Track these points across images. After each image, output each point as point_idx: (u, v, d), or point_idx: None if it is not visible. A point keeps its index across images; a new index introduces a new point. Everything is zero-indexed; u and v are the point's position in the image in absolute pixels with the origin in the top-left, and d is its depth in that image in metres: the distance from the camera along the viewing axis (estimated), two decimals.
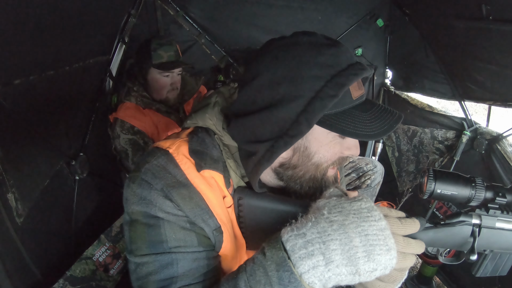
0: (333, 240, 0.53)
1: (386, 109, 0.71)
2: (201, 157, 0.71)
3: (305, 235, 0.54)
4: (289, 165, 0.72)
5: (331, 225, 0.54)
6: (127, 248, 0.69)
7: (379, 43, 2.54)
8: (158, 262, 0.65)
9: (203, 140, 0.74)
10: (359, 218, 0.55)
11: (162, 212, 0.66)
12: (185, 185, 0.68)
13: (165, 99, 1.81)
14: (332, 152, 0.71)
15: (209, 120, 0.75)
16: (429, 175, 0.67)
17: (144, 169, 0.68)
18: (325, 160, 0.71)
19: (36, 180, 1.21)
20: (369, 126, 0.66)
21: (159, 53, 1.70)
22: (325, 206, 0.58)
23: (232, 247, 0.73)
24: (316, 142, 0.69)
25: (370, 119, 0.67)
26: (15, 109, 1.05)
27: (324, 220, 0.55)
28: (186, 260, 0.66)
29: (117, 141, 1.69)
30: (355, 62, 0.68)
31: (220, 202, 0.71)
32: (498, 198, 0.67)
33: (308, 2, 2.31)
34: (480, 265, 0.73)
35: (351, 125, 0.65)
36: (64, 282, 1.29)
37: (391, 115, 0.69)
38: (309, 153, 0.70)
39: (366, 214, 0.56)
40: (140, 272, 0.66)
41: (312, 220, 0.56)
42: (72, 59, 1.33)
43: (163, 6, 2.27)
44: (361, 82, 0.70)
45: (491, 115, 1.96)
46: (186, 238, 0.67)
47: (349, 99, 0.66)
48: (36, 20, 0.98)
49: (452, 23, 1.62)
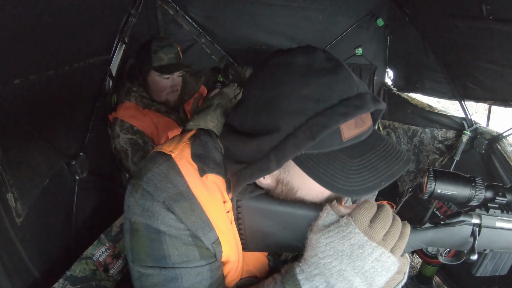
0: None
1: (387, 155, 0.60)
2: (204, 161, 0.69)
3: (315, 284, 0.58)
4: (274, 193, 0.69)
5: (331, 274, 0.56)
6: (128, 255, 0.69)
7: (379, 43, 2.54)
8: (162, 276, 0.65)
9: (205, 143, 0.72)
10: (352, 258, 0.55)
11: (164, 225, 0.65)
12: (186, 197, 0.66)
13: (165, 101, 1.81)
14: (318, 191, 0.64)
15: (210, 123, 0.74)
16: (429, 175, 0.67)
17: (146, 178, 0.67)
18: (310, 198, 0.65)
19: (36, 180, 1.21)
20: (350, 178, 0.57)
21: (159, 55, 1.68)
22: (319, 249, 0.58)
23: (233, 252, 0.73)
24: (298, 179, 0.63)
25: (356, 169, 0.57)
26: (15, 109, 1.05)
27: (323, 267, 0.57)
28: (190, 275, 0.67)
29: (116, 141, 1.68)
30: (354, 96, 0.57)
31: (220, 210, 0.70)
32: (498, 198, 0.67)
33: (308, 2, 2.31)
34: (480, 265, 0.73)
35: (329, 173, 0.57)
36: (64, 282, 1.29)
37: (388, 164, 0.59)
38: (291, 187, 0.65)
39: (358, 251, 0.55)
40: (145, 281, 0.66)
41: (315, 268, 0.58)
42: (72, 59, 1.33)
43: (163, 6, 2.27)
44: (365, 118, 0.60)
45: (491, 114, 1.97)
46: (188, 253, 0.67)
47: (338, 140, 0.57)
48: (36, 20, 0.98)
49: (452, 23, 1.62)
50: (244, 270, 0.79)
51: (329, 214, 0.60)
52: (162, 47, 1.69)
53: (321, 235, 0.58)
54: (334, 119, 0.54)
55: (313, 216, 0.67)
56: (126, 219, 0.69)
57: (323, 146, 0.57)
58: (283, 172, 0.64)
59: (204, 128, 0.75)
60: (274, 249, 0.77)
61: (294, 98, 0.56)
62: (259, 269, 0.82)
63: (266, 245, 0.74)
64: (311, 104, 0.56)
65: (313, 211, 0.68)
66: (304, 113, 0.55)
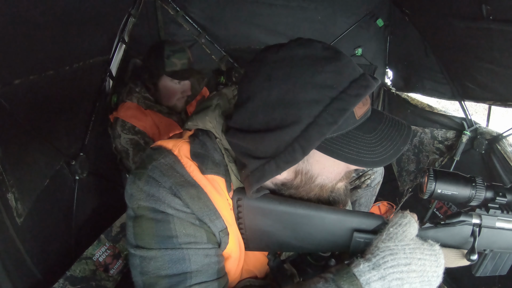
0: None
1: (393, 125, 0.65)
2: (203, 160, 0.69)
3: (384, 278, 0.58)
4: (291, 185, 0.69)
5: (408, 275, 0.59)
6: (130, 243, 0.67)
7: (379, 43, 2.54)
8: (167, 256, 0.64)
9: (204, 144, 0.72)
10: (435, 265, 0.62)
11: (171, 209, 0.64)
12: (193, 185, 0.66)
13: (173, 106, 1.80)
14: (337, 172, 0.67)
15: (209, 123, 0.73)
16: (430, 175, 0.67)
17: (151, 167, 0.67)
18: (330, 181, 0.68)
19: (36, 180, 1.21)
20: (374, 150, 0.61)
21: (172, 60, 1.66)
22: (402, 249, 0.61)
23: (236, 249, 0.73)
24: (318, 165, 0.65)
25: (375, 141, 0.62)
26: (15, 109, 1.05)
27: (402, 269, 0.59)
28: (198, 255, 0.65)
29: (117, 141, 1.68)
30: (358, 76, 0.61)
31: (225, 204, 0.70)
32: (498, 198, 0.67)
33: (308, 2, 2.31)
34: (480, 265, 0.73)
35: (354, 150, 0.60)
36: (64, 282, 1.29)
37: (398, 132, 0.64)
38: (311, 175, 0.66)
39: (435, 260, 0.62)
40: (145, 266, 0.64)
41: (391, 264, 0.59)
42: (72, 59, 1.33)
43: (163, 6, 2.27)
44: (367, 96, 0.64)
45: (491, 115, 1.97)
46: (196, 234, 0.66)
47: (353, 120, 0.61)
48: (36, 20, 0.98)
49: (452, 23, 1.62)
50: (244, 269, 0.79)
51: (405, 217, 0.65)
52: (175, 52, 1.68)
53: (410, 242, 0.62)
54: (351, 101, 0.58)
55: (312, 216, 0.68)
56: (129, 207, 0.68)
57: (341, 128, 0.60)
58: (302, 162, 0.65)
59: (202, 128, 0.75)
60: (274, 249, 0.77)
61: (309, 88, 0.58)
62: (259, 269, 0.83)
63: (266, 245, 0.74)
64: (326, 91, 0.58)
65: (313, 211, 0.68)
66: (322, 100, 0.58)
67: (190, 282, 0.63)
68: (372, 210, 2.38)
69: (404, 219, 0.63)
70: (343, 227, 0.68)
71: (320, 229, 0.69)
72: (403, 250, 0.60)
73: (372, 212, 0.76)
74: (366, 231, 0.68)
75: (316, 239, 0.70)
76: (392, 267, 0.58)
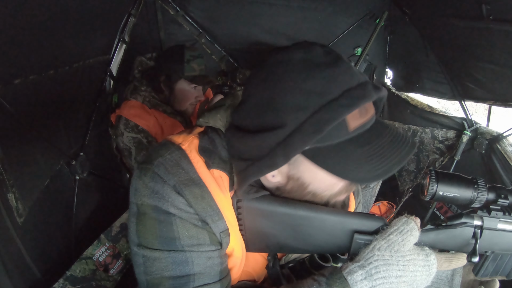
0: None
1: (394, 141, 0.62)
2: (210, 155, 0.70)
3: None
4: (284, 190, 0.69)
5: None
6: (132, 241, 0.67)
7: (379, 43, 2.54)
8: (171, 258, 0.64)
9: (213, 140, 0.72)
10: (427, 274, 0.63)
11: (174, 208, 0.64)
12: (197, 184, 0.66)
13: (184, 110, 1.82)
14: (329, 183, 0.65)
15: (219, 121, 0.74)
16: (431, 177, 0.66)
17: (157, 162, 0.67)
18: (322, 191, 0.66)
19: (36, 180, 1.21)
20: (362, 166, 0.58)
21: (192, 65, 1.70)
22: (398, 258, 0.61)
23: (238, 247, 0.73)
24: (309, 173, 0.63)
25: (366, 157, 0.59)
26: (15, 109, 1.04)
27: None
28: (201, 258, 0.65)
29: (120, 139, 1.68)
30: (355, 85, 0.58)
31: (228, 203, 0.70)
32: (500, 200, 0.67)
33: (308, 2, 2.30)
34: (481, 266, 0.73)
35: (341, 163, 0.58)
36: (64, 282, 1.29)
37: (397, 149, 0.60)
38: (303, 182, 0.65)
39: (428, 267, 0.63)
40: (150, 266, 0.64)
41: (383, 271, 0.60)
42: (72, 59, 1.32)
43: (163, 6, 2.26)
44: (368, 107, 0.61)
45: (491, 115, 1.97)
46: (199, 235, 0.66)
47: (344, 131, 0.58)
48: (36, 20, 0.97)
49: (452, 23, 1.62)
50: (243, 271, 0.79)
51: (407, 221, 0.65)
52: (195, 58, 1.72)
53: (408, 253, 0.63)
54: (339, 111, 0.55)
55: (313, 217, 0.67)
56: (133, 203, 0.68)
57: (331, 138, 0.57)
58: (293, 168, 0.64)
59: (213, 126, 0.75)
60: (274, 250, 0.77)
61: (297, 93, 0.57)
62: (257, 271, 0.83)
63: (266, 246, 0.74)
64: (315, 97, 0.56)
65: (314, 212, 0.68)
66: (309, 107, 0.56)
67: (193, 284, 0.64)
68: (372, 210, 2.38)
69: (407, 226, 0.63)
70: (343, 228, 0.68)
71: (321, 230, 0.68)
72: (397, 262, 0.60)
73: (372, 214, 0.75)
74: (366, 233, 0.67)
75: (317, 241, 0.70)
76: (384, 278, 0.59)
